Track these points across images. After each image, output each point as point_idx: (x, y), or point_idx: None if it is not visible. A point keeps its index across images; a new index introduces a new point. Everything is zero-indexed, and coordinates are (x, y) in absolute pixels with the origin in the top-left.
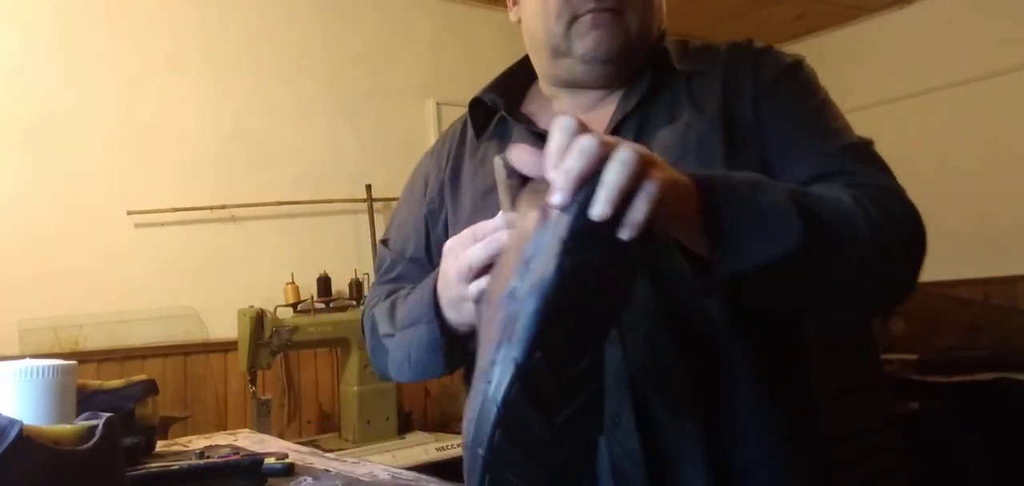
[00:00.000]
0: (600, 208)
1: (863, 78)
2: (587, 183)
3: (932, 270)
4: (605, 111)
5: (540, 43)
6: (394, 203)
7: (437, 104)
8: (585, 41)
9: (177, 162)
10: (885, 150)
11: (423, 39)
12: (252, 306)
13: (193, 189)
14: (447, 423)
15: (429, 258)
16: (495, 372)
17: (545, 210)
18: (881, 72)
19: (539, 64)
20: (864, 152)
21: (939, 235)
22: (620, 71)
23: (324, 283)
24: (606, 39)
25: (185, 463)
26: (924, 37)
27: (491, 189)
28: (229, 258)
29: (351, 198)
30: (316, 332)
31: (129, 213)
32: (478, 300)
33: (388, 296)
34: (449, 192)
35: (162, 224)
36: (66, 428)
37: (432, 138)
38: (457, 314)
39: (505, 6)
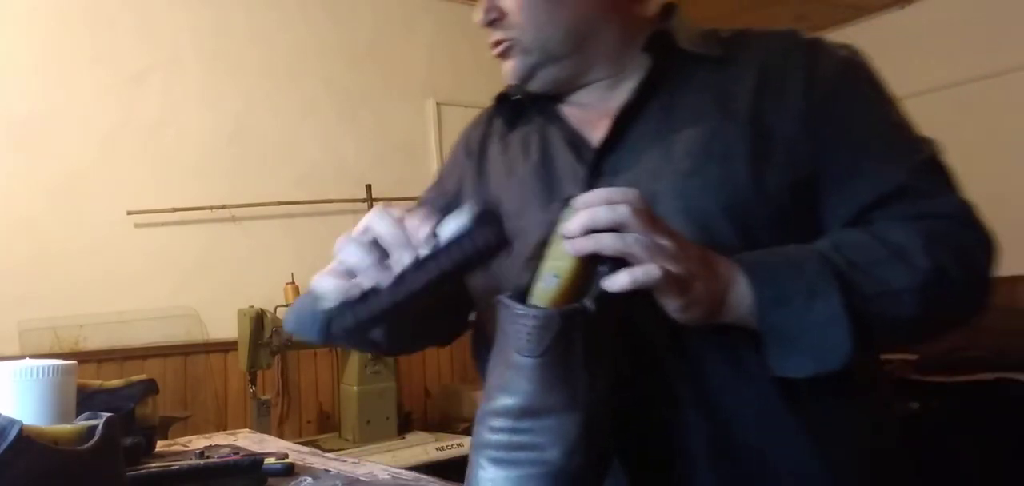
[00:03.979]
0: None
1: None
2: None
3: None
4: (620, 98)
5: None
6: (394, 203)
7: (437, 104)
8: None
9: (177, 162)
10: None
11: (423, 39)
12: (252, 306)
13: (193, 189)
14: (447, 423)
15: None
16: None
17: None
18: (881, 72)
19: None
20: (929, 167)
21: None
22: (564, 75)
23: None
24: (510, 69)
25: (185, 463)
26: (924, 37)
27: (512, 172)
28: (229, 258)
29: (351, 198)
30: None
31: (129, 213)
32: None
33: None
34: (473, 168)
35: (162, 224)
36: (66, 428)
37: (432, 138)
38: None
39: None
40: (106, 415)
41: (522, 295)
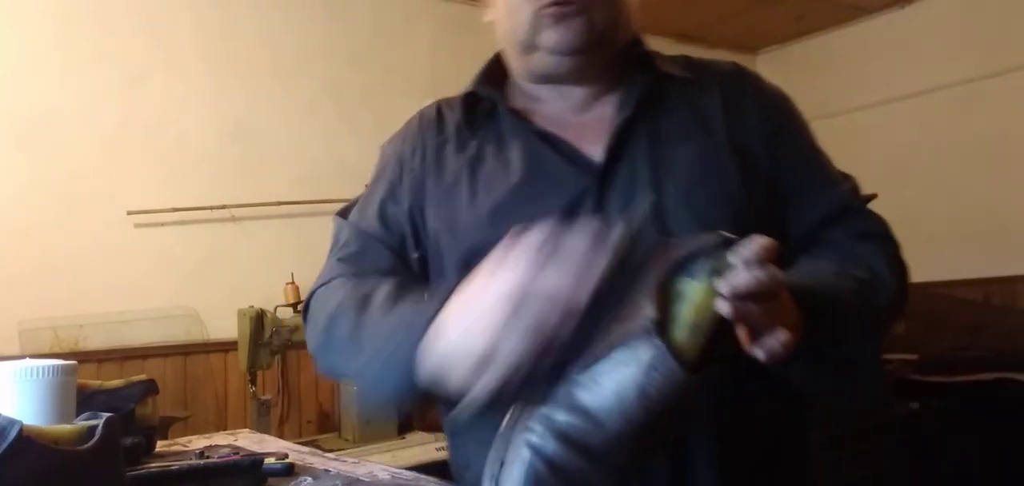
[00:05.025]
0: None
1: (863, 78)
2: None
3: (932, 270)
4: (601, 112)
5: (511, 39)
6: None
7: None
8: (549, 35)
9: (177, 162)
10: (886, 150)
11: (423, 39)
12: (252, 306)
13: (193, 189)
14: None
15: (400, 244)
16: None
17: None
18: (881, 72)
19: (514, 61)
20: (857, 190)
21: (939, 235)
22: (592, 65)
23: None
24: (570, 33)
25: (185, 463)
26: (924, 37)
27: (494, 180)
28: (229, 258)
29: (350, 198)
30: None
31: (129, 213)
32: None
33: (351, 279)
34: (433, 178)
35: (162, 224)
36: (66, 428)
37: None
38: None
39: None
40: (106, 415)
41: (659, 328)
